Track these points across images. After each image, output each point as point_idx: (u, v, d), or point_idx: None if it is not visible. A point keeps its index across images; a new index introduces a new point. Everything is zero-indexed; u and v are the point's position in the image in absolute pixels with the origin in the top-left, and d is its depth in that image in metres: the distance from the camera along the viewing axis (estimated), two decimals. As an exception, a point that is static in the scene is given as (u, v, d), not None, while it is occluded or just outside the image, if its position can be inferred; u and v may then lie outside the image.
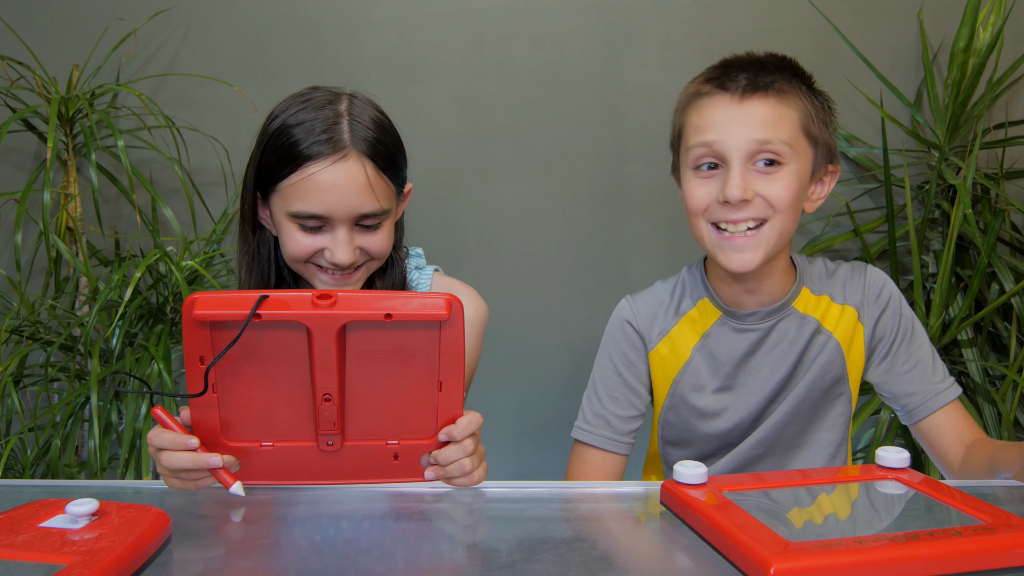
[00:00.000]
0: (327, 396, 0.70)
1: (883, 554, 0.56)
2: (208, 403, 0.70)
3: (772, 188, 0.93)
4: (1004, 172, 1.74)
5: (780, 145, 0.93)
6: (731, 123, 0.94)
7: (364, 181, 0.91)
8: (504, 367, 1.85)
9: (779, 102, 0.94)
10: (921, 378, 1.03)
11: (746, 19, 1.79)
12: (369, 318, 0.67)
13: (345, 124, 0.91)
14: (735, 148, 0.93)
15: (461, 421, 0.74)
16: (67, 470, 1.52)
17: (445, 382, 0.72)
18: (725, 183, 0.93)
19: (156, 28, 1.83)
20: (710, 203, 0.96)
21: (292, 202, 0.91)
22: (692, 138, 0.97)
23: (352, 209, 0.91)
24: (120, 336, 1.58)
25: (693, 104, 0.99)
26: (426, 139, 1.82)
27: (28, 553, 0.55)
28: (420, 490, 0.78)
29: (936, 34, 1.77)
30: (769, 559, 0.55)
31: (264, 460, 0.74)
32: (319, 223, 0.91)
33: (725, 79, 0.96)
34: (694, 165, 0.98)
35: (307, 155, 0.89)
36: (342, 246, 0.92)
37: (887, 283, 1.05)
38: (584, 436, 1.10)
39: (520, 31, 1.81)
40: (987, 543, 0.58)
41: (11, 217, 1.83)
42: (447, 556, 0.63)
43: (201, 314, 0.65)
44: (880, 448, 0.75)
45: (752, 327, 1.04)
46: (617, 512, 0.76)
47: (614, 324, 1.11)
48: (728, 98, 0.95)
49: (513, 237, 1.84)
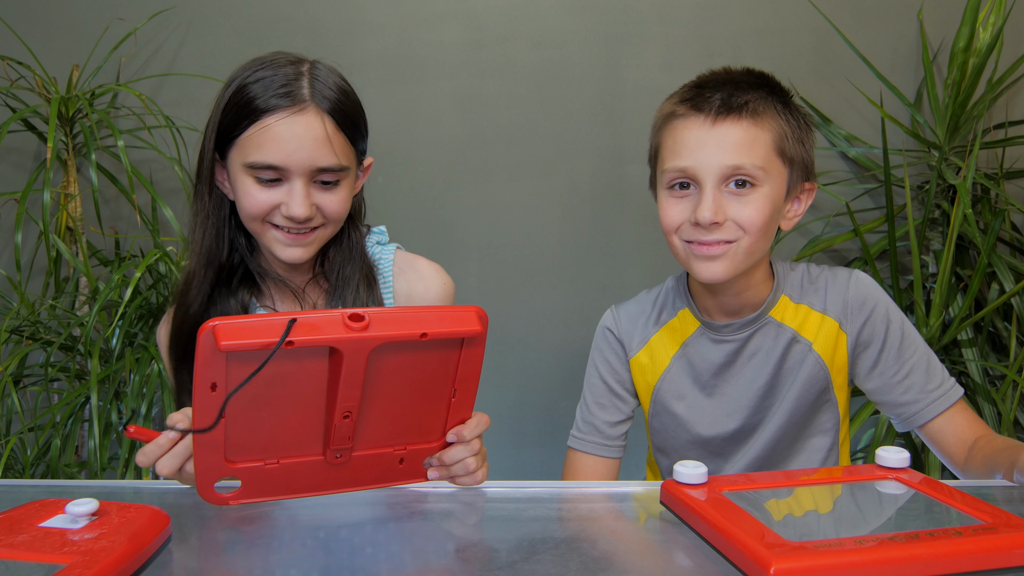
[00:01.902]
0: (347, 414, 0.67)
1: (883, 554, 0.56)
2: (216, 430, 0.65)
3: (744, 211, 0.94)
4: (1004, 172, 1.74)
5: (753, 169, 0.93)
6: (704, 147, 0.94)
7: (322, 134, 0.90)
8: (504, 367, 1.85)
9: (752, 124, 0.94)
10: (915, 386, 1.01)
11: (746, 19, 1.79)
12: (405, 338, 0.64)
13: (305, 81, 0.91)
14: (707, 172, 0.94)
15: (470, 422, 0.74)
16: (67, 470, 1.52)
17: (460, 389, 0.71)
18: (698, 205, 0.94)
19: (156, 28, 1.83)
20: (683, 222, 0.97)
21: (249, 153, 0.90)
22: (667, 160, 0.98)
23: (309, 161, 0.90)
24: (120, 336, 1.58)
25: (668, 125, 0.99)
26: (426, 139, 1.82)
27: (28, 553, 0.55)
28: (421, 490, 0.78)
29: (936, 34, 1.77)
30: (769, 559, 0.55)
31: (268, 478, 0.70)
32: (275, 175, 0.90)
33: (699, 99, 0.96)
34: (668, 185, 0.99)
35: (264, 108, 0.89)
36: (298, 199, 0.90)
37: (873, 290, 1.03)
38: (576, 444, 1.13)
39: (520, 31, 1.81)
40: (987, 543, 0.58)
41: (11, 217, 1.83)
42: (447, 556, 0.63)
43: (228, 345, 0.59)
44: (880, 448, 0.75)
45: (728, 338, 1.04)
46: (617, 512, 0.76)
47: (598, 333, 1.14)
48: (701, 120, 0.95)
49: (513, 237, 1.84)
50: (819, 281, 1.05)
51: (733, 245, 0.95)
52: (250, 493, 0.70)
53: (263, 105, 0.89)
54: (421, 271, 1.06)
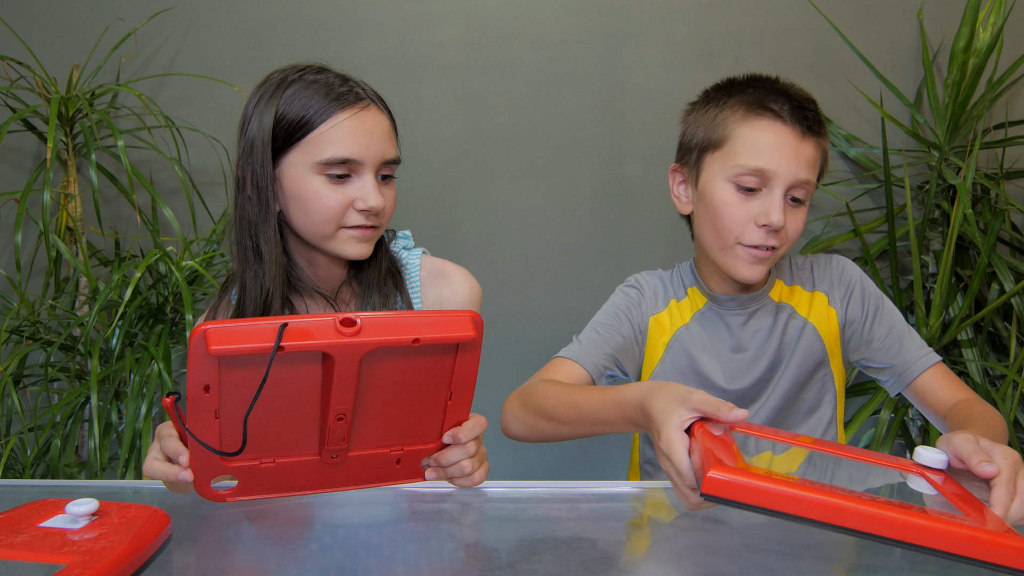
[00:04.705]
0: (340, 416, 0.67)
1: (822, 496, 0.52)
2: (210, 430, 0.65)
3: (794, 224, 1.02)
4: (1004, 172, 1.74)
5: (810, 187, 1.02)
6: (786, 156, 0.99)
7: (388, 127, 0.96)
8: (504, 367, 1.84)
9: (818, 146, 1.02)
10: (905, 347, 1.07)
11: (746, 19, 1.79)
12: (397, 344, 0.64)
13: (354, 83, 0.96)
14: (783, 179, 0.99)
15: (467, 425, 0.74)
16: (67, 470, 1.52)
17: (456, 392, 0.71)
18: (769, 208, 0.99)
19: (156, 28, 1.83)
20: (746, 222, 1.00)
21: (320, 151, 0.91)
22: (742, 156, 1.00)
23: (380, 154, 0.94)
24: (120, 336, 1.58)
25: (749, 122, 1.01)
26: (426, 139, 1.82)
27: (28, 553, 0.55)
28: (420, 490, 0.78)
29: (936, 34, 1.77)
30: (710, 466, 0.54)
31: (264, 476, 0.70)
32: (347, 170, 0.92)
33: (788, 108, 1.00)
34: (732, 180, 1.00)
35: (336, 105, 0.92)
36: (373, 191, 0.93)
37: (848, 266, 1.12)
38: (567, 352, 1.10)
39: (520, 31, 1.81)
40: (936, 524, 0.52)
41: (11, 217, 1.83)
42: (447, 556, 0.63)
43: (218, 350, 0.59)
44: (921, 447, 0.71)
45: (733, 311, 1.10)
46: (617, 512, 0.76)
47: (624, 287, 1.16)
48: (791, 131, 0.99)
49: (513, 237, 1.84)
50: (805, 265, 1.14)
51: (776, 251, 1.02)
52: (247, 491, 0.70)
53: (329, 105, 0.92)
54: (450, 276, 1.08)
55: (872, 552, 0.65)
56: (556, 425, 0.94)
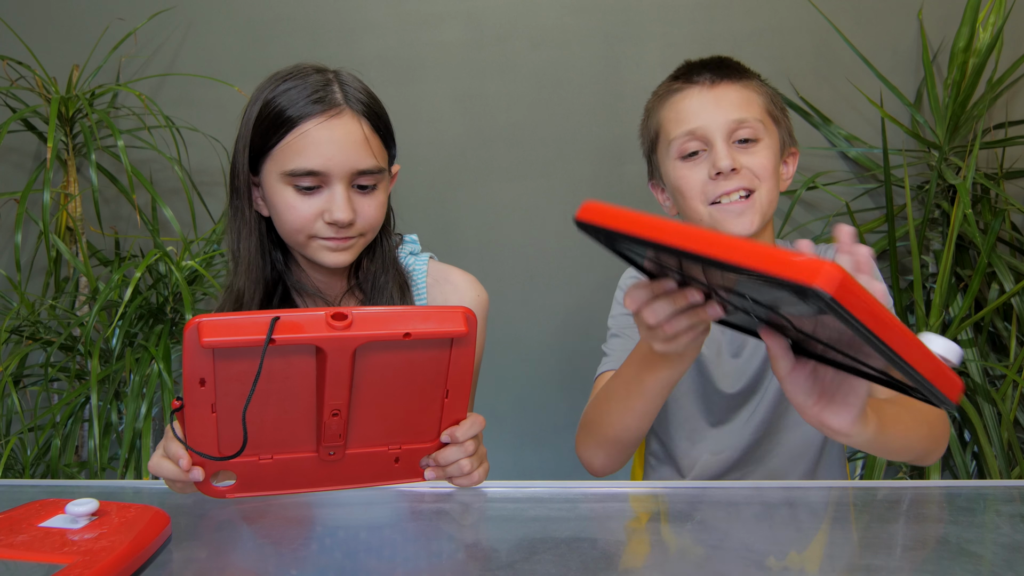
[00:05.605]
0: (335, 412, 0.67)
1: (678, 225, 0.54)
2: (206, 424, 0.66)
3: (754, 160, 1.02)
4: (1004, 172, 1.74)
5: (754, 122, 1.03)
6: (707, 108, 1.03)
7: (360, 136, 0.91)
8: (504, 367, 1.84)
9: (744, 87, 1.05)
10: None
11: (746, 19, 1.79)
12: (387, 338, 0.64)
13: (336, 87, 0.92)
14: (716, 129, 1.02)
15: (464, 423, 0.74)
16: (67, 470, 1.52)
17: (452, 390, 0.71)
18: (713, 159, 1.01)
19: (156, 28, 1.83)
20: (703, 183, 1.03)
21: (287, 161, 0.89)
22: (673, 131, 1.05)
23: (349, 164, 0.90)
24: (120, 336, 1.58)
25: (666, 102, 1.07)
26: (426, 139, 1.82)
27: (28, 553, 0.55)
28: (420, 490, 0.78)
29: (936, 34, 1.77)
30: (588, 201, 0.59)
31: (262, 472, 0.70)
32: (315, 181, 0.90)
33: (692, 75, 1.06)
34: (680, 155, 1.05)
35: (300, 115, 0.89)
36: (340, 203, 0.90)
37: None
38: (604, 366, 1.11)
39: (520, 31, 1.81)
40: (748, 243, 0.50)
41: (11, 217, 1.83)
42: (447, 556, 0.63)
43: (210, 341, 0.60)
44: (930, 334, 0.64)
45: None
46: (617, 512, 0.76)
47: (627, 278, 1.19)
48: (699, 89, 1.04)
49: (513, 237, 1.84)
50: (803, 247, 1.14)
51: (754, 195, 1.02)
52: (246, 487, 0.71)
53: (298, 112, 0.89)
54: (455, 282, 1.07)
55: (872, 552, 0.65)
56: (621, 427, 0.94)
